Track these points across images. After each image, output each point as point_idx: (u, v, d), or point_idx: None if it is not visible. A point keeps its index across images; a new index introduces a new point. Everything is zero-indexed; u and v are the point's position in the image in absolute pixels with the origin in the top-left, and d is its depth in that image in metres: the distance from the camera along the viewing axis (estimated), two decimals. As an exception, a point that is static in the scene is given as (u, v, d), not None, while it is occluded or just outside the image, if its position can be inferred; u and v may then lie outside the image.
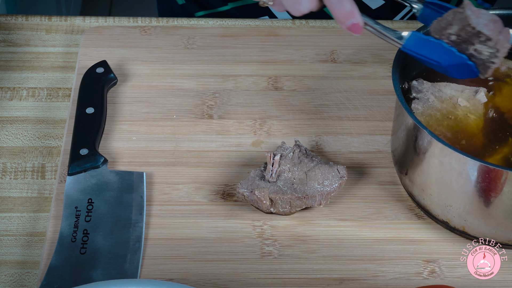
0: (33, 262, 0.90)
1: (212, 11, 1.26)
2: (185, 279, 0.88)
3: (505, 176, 0.83)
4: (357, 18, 0.84)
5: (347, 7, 0.83)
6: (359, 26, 0.84)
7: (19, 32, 1.15)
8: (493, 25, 0.84)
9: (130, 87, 1.08)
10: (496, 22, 0.85)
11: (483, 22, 0.84)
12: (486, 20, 0.84)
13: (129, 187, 0.96)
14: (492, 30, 0.84)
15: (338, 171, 0.94)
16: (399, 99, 0.89)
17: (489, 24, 0.84)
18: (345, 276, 0.89)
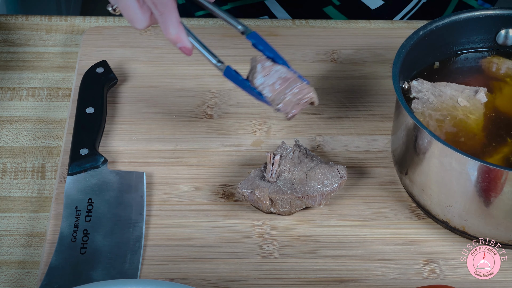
0: (33, 262, 0.90)
1: None
2: (185, 279, 0.88)
3: (505, 176, 0.83)
4: (184, 42, 0.91)
5: (172, 32, 0.90)
6: (187, 48, 0.91)
7: (19, 32, 1.15)
8: (283, 83, 0.90)
9: (130, 87, 1.08)
10: (288, 80, 0.90)
11: (269, 82, 0.90)
12: (276, 78, 0.90)
13: (129, 187, 0.95)
14: (279, 89, 0.90)
15: (338, 171, 0.94)
16: (399, 99, 0.89)
17: (276, 83, 0.90)
18: (345, 276, 0.89)
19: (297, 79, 0.91)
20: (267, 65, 0.91)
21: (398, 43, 0.94)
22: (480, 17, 0.96)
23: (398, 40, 0.97)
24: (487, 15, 0.96)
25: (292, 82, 0.91)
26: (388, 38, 1.14)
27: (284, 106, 0.90)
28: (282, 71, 0.91)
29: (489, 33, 0.98)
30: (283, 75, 0.91)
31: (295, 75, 0.90)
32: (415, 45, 0.93)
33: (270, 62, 0.92)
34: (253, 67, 0.93)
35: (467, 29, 0.97)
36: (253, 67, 0.93)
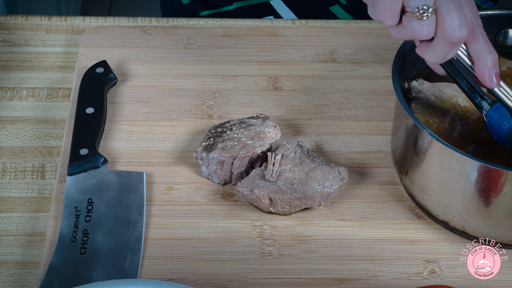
0: (33, 262, 0.90)
1: (217, 10, 1.26)
2: (185, 279, 0.88)
3: (505, 176, 0.83)
4: (497, 68, 0.85)
5: (496, 54, 0.85)
6: (498, 76, 0.85)
7: (19, 32, 1.15)
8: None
9: (130, 87, 1.08)
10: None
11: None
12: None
13: (129, 187, 0.95)
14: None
15: (339, 173, 0.94)
16: (399, 99, 0.89)
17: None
18: (345, 276, 0.89)
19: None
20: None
21: (398, 43, 0.94)
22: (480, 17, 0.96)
23: (398, 40, 0.97)
24: (487, 15, 0.96)
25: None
26: (388, 38, 1.14)
27: None
28: None
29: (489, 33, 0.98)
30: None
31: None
32: (415, 45, 0.93)
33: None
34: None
35: (467, 29, 0.97)
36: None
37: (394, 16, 0.81)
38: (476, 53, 0.84)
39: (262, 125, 0.98)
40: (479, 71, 0.85)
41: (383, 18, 0.81)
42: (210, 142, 0.96)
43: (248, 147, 0.95)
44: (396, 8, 0.80)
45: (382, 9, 0.81)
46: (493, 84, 0.85)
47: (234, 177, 0.96)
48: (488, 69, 0.84)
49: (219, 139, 0.96)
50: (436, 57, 0.83)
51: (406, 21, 0.81)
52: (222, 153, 0.94)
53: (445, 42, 0.81)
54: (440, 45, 0.82)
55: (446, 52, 0.82)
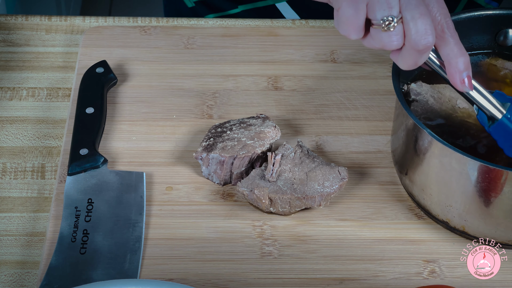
0: (33, 262, 0.90)
1: (222, 14, 1.25)
2: (185, 279, 0.88)
3: (505, 176, 0.83)
4: (470, 70, 0.84)
5: (467, 57, 0.83)
6: (471, 80, 0.84)
7: (19, 32, 1.15)
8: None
9: (130, 87, 1.08)
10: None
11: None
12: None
13: (129, 187, 0.95)
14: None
15: (339, 173, 0.94)
16: (399, 99, 0.89)
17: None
18: (345, 276, 0.89)
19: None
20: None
21: (398, 43, 0.94)
22: (480, 17, 0.96)
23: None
24: (487, 15, 0.96)
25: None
26: (388, 38, 1.14)
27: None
28: None
29: (489, 33, 0.98)
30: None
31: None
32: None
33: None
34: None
35: (467, 29, 0.97)
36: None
37: (357, 30, 0.80)
38: (446, 57, 0.83)
39: (262, 125, 0.98)
40: (450, 75, 0.84)
41: (346, 33, 0.80)
42: (210, 142, 0.96)
43: (248, 147, 0.95)
44: (359, 22, 0.79)
45: (344, 24, 0.80)
46: (465, 88, 0.84)
47: (234, 177, 0.96)
48: (459, 72, 0.83)
49: (219, 139, 0.96)
50: (407, 64, 0.82)
51: (373, 33, 0.80)
52: (222, 153, 0.94)
53: (412, 50, 0.80)
54: (408, 53, 0.81)
55: (416, 59, 0.81)
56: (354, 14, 0.79)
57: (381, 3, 0.78)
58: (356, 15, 0.79)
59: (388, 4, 0.78)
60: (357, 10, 0.79)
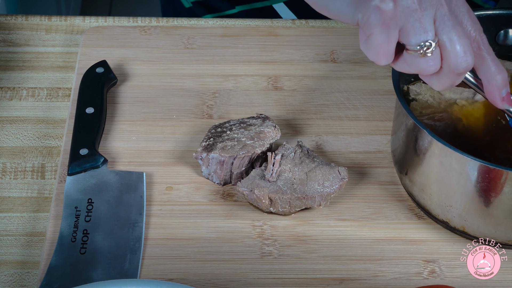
0: (33, 262, 0.90)
1: (219, 14, 1.25)
2: (185, 279, 0.88)
3: (505, 176, 0.83)
4: (508, 87, 0.81)
5: (505, 73, 0.81)
6: (509, 96, 0.81)
7: (19, 32, 1.15)
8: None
9: (130, 87, 1.08)
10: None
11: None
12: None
13: (129, 187, 0.95)
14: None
15: (339, 173, 0.94)
16: (399, 99, 0.89)
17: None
18: (345, 276, 0.89)
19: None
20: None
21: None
22: (480, 17, 0.96)
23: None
24: (487, 15, 0.96)
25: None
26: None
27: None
28: None
29: (489, 33, 0.98)
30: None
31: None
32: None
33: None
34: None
35: (467, 29, 0.97)
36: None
37: (388, 56, 0.76)
38: (484, 75, 0.80)
39: (262, 125, 0.98)
40: (489, 93, 0.81)
41: (376, 58, 0.77)
42: (210, 142, 0.96)
43: (248, 147, 0.95)
44: (390, 48, 0.76)
45: (374, 51, 0.76)
46: (505, 105, 0.82)
47: (234, 177, 0.96)
48: (498, 90, 0.81)
49: (219, 139, 0.96)
50: (443, 86, 0.79)
51: (408, 58, 0.77)
52: (222, 153, 0.94)
53: (451, 74, 0.77)
54: (446, 76, 0.78)
55: (453, 81, 0.78)
56: (386, 41, 0.75)
57: (416, 28, 0.75)
58: (388, 42, 0.75)
59: (423, 28, 0.75)
60: (389, 37, 0.75)
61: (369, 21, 0.75)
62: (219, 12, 1.25)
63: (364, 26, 0.76)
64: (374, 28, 0.75)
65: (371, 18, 0.75)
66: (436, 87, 0.80)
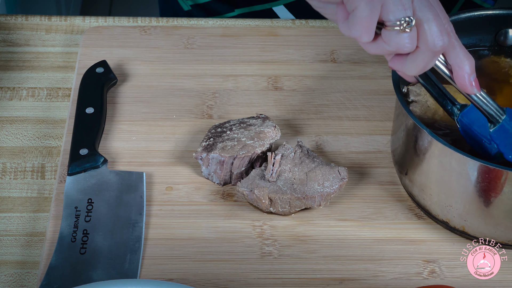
0: (33, 262, 0.90)
1: (218, 17, 1.25)
2: (185, 279, 0.88)
3: (505, 176, 0.83)
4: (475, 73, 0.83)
5: (473, 59, 0.83)
6: (477, 81, 0.84)
7: (19, 32, 1.15)
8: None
9: (130, 87, 1.08)
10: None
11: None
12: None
13: (128, 187, 0.95)
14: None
15: (339, 173, 0.94)
16: (399, 99, 0.89)
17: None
18: (345, 276, 0.89)
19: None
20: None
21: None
22: (480, 17, 0.96)
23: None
24: (487, 15, 0.96)
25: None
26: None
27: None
28: None
29: (489, 33, 0.98)
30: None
31: None
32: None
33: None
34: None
35: (467, 29, 0.97)
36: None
37: (370, 32, 0.79)
38: (454, 60, 0.83)
39: (262, 125, 0.98)
40: (459, 78, 0.83)
41: (359, 34, 0.79)
42: (210, 142, 0.96)
43: (248, 147, 0.95)
44: (373, 23, 0.78)
45: (358, 25, 0.78)
46: (474, 90, 0.84)
47: (234, 177, 0.96)
48: (468, 75, 0.83)
49: (219, 139, 0.96)
50: (417, 68, 0.81)
51: (386, 35, 0.79)
52: (222, 153, 0.94)
53: (427, 52, 0.79)
54: (422, 56, 0.80)
55: (428, 62, 0.80)
56: (370, 14, 0.77)
57: (397, 5, 0.77)
58: (371, 16, 0.78)
59: (403, 6, 0.77)
60: (373, 10, 0.77)
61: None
62: (218, 15, 1.25)
63: (349, 1, 0.78)
64: (361, 1, 0.77)
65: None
66: (409, 71, 0.82)
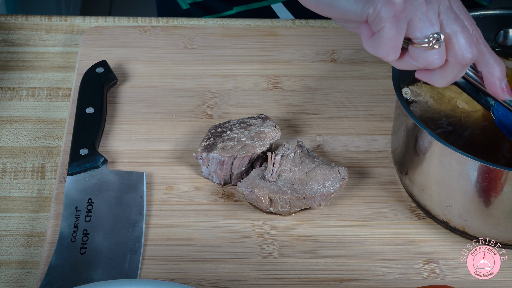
0: (33, 262, 0.90)
1: (217, 15, 1.25)
2: (185, 279, 0.88)
3: (505, 176, 0.83)
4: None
5: (503, 65, 0.82)
6: (509, 86, 0.83)
7: (19, 32, 1.15)
8: None
9: (130, 87, 1.08)
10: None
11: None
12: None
13: (129, 187, 0.95)
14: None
15: (339, 173, 0.94)
16: (399, 99, 0.89)
17: None
18: (345, 276, 0.89)
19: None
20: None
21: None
22: (480, 17, 0.96)
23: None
24: (487, 15, 0.96)
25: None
26: (388, 38, 1.14)
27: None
28: None
29: (489, 33, 0.98)
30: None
31: None
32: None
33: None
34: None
35: (467, 29, 0.97)
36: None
37: (397, 50, 0.77)
38: (485, 67, 0.82)
39: (262, 125, 0.98)
40: (490, 85, 0.82)
41: (385, 54, 0.78)
42: (210, 142, 0.96)
43: (248, 147, 0.95)
44: (399, 42, 0.77)
45: (385, 45, 0.77)
46: (506, 95, 0.83)
47: (234, 177, 0.96)
48: (499, 80, 0.82)
49: (219, 139, 0.96)
50: (446, 81, 0.81)
51: (414, 52, 0.78)
52: (222, 153, 0.94)
53: (457, 65, 0.78)
54: (451, 69, 0.79)
55: (457, 74, 0.80)
56: (396, 34, 0.76)
57: (424, 21, 0.76)
58: (398, 35, 0.76)
59: (430, 22, 0.76)
60: (399, 30, 0.76)
61: (380, 15, 0.76)
62: (217, 14, 1.25)
63: (374, 20, 0.77)
64: (385, 21, 0.76)
65: (382, 12, 0.76)
66: (438, 83, 0.81)
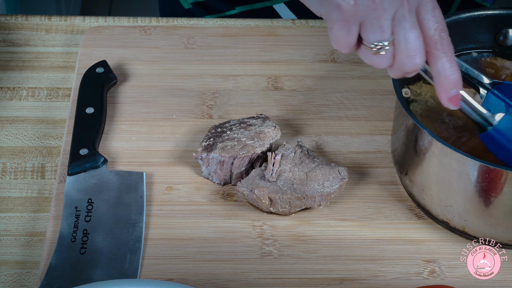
0: (33, 262, 0.90)
1: (219, 15, 1.25)
2: (185, 279, 0.88)
3: (505, 176, 0.83)
4: (459, 88, 0.83)
5: (456, 74, 0.82)
6: (458, 98, 0.84)
7: (19, 32, 1.15)
8: None
9: (130, 87, 1.08)
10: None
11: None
12: None
13: (129, 187, 0.95)
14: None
15: (339, 173, 0.94)
16: (399, 99, 0.89)
17: None
18: (345, 276, 0.89)
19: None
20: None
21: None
22: (480, 17, 0.96)
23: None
24: (487, 15, 0.96)
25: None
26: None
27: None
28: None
29: (489, 33, 0.98)
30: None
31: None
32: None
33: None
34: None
35: (467, 29, 0.97)
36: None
37: (349, 47, 0.80)
38: (436, 73, 0.83)
39: (262, 125, 0.98)
40: (437, 91, 0.84)
41: (337, 47, 0.81)
42: (210, 142, 0.96)
43: (248, 147, 0.95)
44: (350, 42, 0.80)
45: (336, 40, 0.80)
46: (450, 106, 0.84)
47: (234, 177, 0.96)
48: (446, 90, 0.83)
49: (219, 139, 0.96)
50: (396, 77, 0.83)
51: (362, 53, 0.81)
52: (222, 153, 0.94)
53: (399, 71, 0.81)
54: (396, 71, 0.82)
55: (403, 75, 0.82)
56: (346, 35, 0.79)
57: (374, 26, 0.78)
58: (348, 36, 0.79)
59: (380, 27, 0.78)
60: (349, 31, 0.79)
61: (330, 17, 0.79)
62: (218, 13, 1.25)
63: (326, 20, 0.80)
64: (335, 23, 0.79)
65: (332, 15, 0.79)
66: (390, 75, 0.84)
